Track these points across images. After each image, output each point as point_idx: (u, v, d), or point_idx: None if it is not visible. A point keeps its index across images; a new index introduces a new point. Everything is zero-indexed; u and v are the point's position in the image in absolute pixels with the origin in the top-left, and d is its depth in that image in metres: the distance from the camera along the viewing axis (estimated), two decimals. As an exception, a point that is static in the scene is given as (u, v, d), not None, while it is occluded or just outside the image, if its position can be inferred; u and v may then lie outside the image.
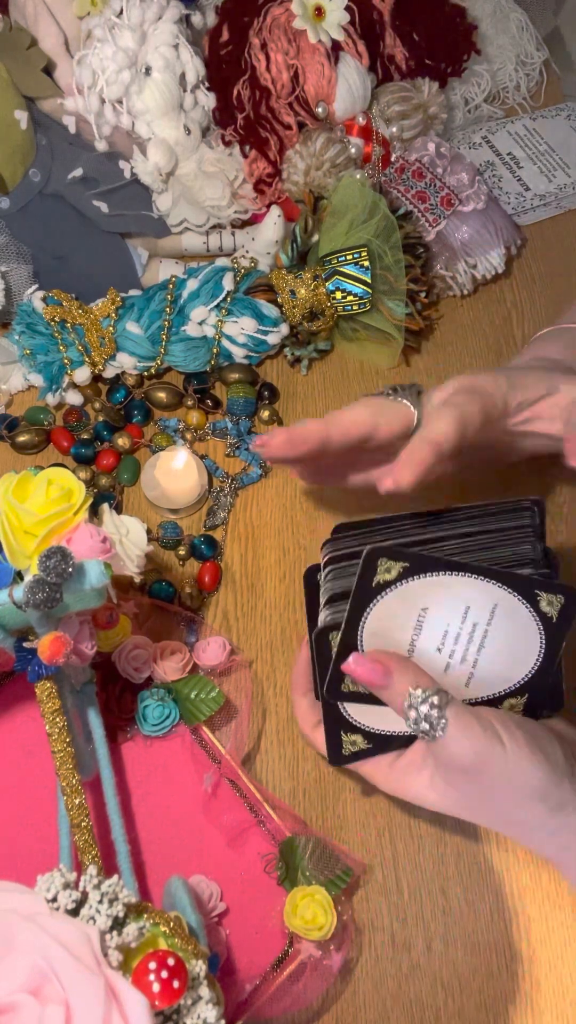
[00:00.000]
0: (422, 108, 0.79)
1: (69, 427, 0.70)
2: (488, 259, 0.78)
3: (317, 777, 0.58)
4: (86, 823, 0.48)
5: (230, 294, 0.69)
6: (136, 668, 0.57)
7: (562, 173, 0.89)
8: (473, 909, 0.55)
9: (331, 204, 0.72)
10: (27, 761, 0.56)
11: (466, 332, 0.79)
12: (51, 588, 0.43)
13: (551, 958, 0.54)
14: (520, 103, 0.94)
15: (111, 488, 0.67)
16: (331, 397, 0.74)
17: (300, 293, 0.70)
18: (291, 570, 0.66)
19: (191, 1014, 0.36)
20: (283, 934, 0.52)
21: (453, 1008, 0.53)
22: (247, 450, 0.70)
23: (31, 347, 0.68)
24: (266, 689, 0.61)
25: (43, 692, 0.47)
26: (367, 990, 0.53)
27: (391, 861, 0.56)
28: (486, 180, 0.84)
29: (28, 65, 0.72)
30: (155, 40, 0.72)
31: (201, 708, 0.57)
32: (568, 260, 0.84)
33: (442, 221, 0.76)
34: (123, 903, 0.36)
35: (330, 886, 0.52)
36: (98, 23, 0.71)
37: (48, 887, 0.36)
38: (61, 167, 0.71)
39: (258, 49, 0.75)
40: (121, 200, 0.73)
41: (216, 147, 0.78)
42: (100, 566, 0.45)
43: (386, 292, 0.71)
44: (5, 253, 0.71)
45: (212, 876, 0.54)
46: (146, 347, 0.69)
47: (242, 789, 0.55)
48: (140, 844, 0.55)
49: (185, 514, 0.67)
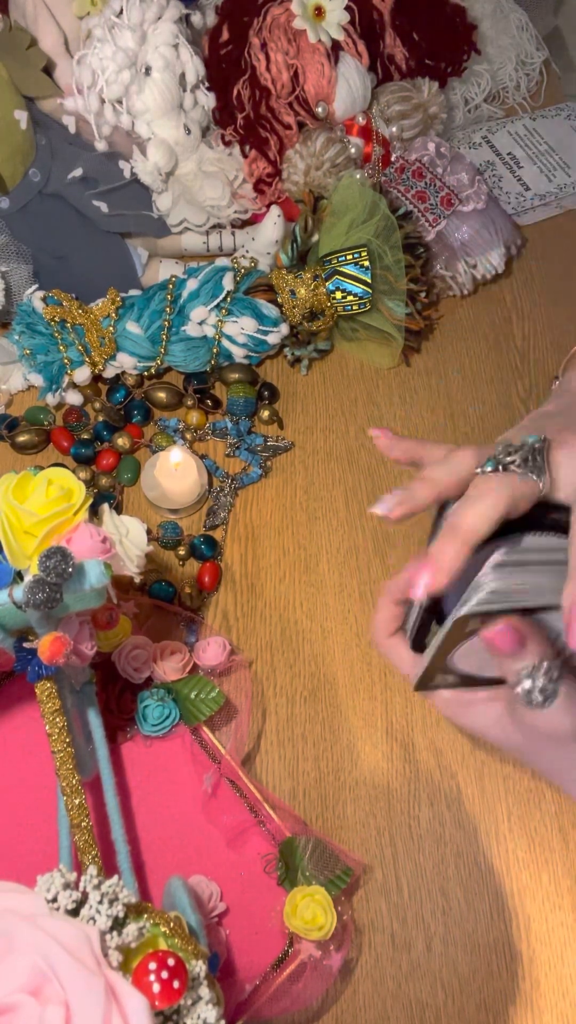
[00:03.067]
0: (422, 108, 0.79)
1: (69, 427, 0.70)
2: (488, 259, 0.78)
3: (317, 777, 0.58)
4: (86, 823, 0.48)
5: (230, 294, 0.69)
6: (136, 668, 0.57)
7: (562, 173, 0.89)
8: (473, 909, 0.55)
9: (331, 204, 0.72)
10: (27, 761, 0.56)
11: (466, 332, 0.79)
12: (51, 588, 0.43)
13: (551, 958, 0.54)
14: (520, 103, 0.94)
15: (111, 488, 0.67)
16: (331, 397, 0.74)
17: (300, 293, 0.70)
18: (291, 570, 0.66)
19: (191, 1014, 0.36)
20: (283, 934, 0.52)
21: (453, 1008, 0.53)
22: (247, 450, 0.70)
23: (31, 347, 0.68)
24: (266, 689, 0.61)
25: (43, 692, 0.47)
26: (367, 990, 0.53)
27: (391, 861, 0.56)
28: (486, 180, 0.84)
29: (28, 65, 0.72)
30: (155, 40, 0.72)
31: (201, 708, 0.57)
32: (568, 260, 0.84)
33: (442, 221, 0.76)
34: (123, 903, 0.36)
35: (330, 886, 0.52)
36: (98, 23, 0.71)
37: (48, 887, 0.36)
38: (61, 167, 0.71)
39: (258, 49, 0.75)
40: (121, 200, 0.73)
41: (216, 147, 0.78)
42: (100, 566, 0.45)
43: (386, 292, 0.71)
44: (5, 253, 0.71)
45: (212, 876, 0.54)
46: (146, 347, 0.69)
47: (242, 789, 0.55)
48: (140, 844, 0.55)
49: (185, 514, 0.67)
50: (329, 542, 0.67)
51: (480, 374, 0.76)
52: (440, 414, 0.74)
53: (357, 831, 0.57)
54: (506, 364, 0.77)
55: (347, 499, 0.69)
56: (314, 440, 0.72)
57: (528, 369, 0.77)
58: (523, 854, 0.56)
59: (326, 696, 0.61)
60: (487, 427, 0.73)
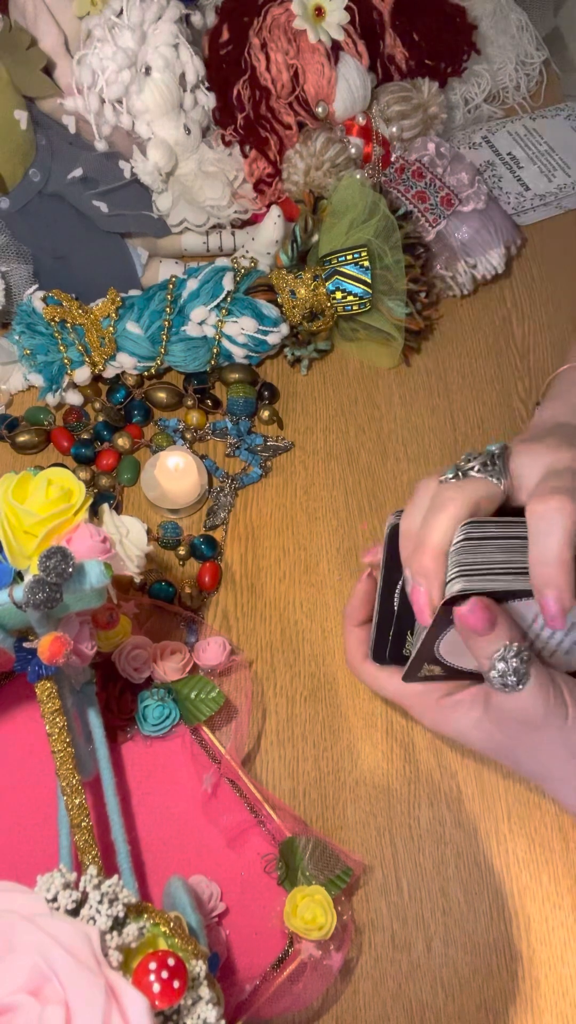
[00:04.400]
0: (422, 108, 0.79)
1: (69, 427, 0.70)
2: (488, 259, 0.78)
3: (317, 777, 0.58)
4: (86, 823, 0.48)
5: (230, 294, 0.69)
6: (136, 668, 0.57)
7: (562, 173, 0.89)
8: (473, 909, 0.55)
9: (331, 204, 0.72)
10: (27, 761, 0.56)
11: (466, 332, 0.79)
12: (51, 588, 0.43)
13: (551, 958, 0.54)
14: (520, 103, 0.94)
15: (111, 488, 0.67)
16: (331, 397, 0.74)
17: (300, 293, 0.70)
18: (291, 570, 0.66)
19: (191, 1014, 0.36)
20: (283, 934, 0.52)
21: (453, 1008, 0.53)
22: (247, 450, 0.70)
23: (31, 347, 0.68)
24: (266, 689, 0.61)
25: (43, 692, 0.47)
26: (367, 990, 0.53)
27: (391, 861, 0.56)
28: (486, 180, 0.84)
29: (28, 65, 0.72)
30: (155, 40, 0.72)
31: (201, 708, 0.57)
32: (568, 260, 0.84)
33: (442, 221, 0.76)
34: (123, 903, 0.36)
35: (330, 886, 0.52)
36: (98, 23, 0.71)
37: (48, 887, 0.36)
38: (61, 167, 0.71)
39: (258, 49, 0.75)
40: (121, 200, 0.73)
41: (216, 147, 0.78)
42: (100, 566, 0.45)
43: (386, 292, 0.71)
44: (5, 253, 0.71)
45: (212, 876, 0.54)
46: (146, 347, 0.69)
47: (242, 789, 0.55)
48: (140, 844, 0.55)
49: (185, 514, 0.67)
50: (329, 542, 0.67)
51: (480, 374, 0.76)
52: (440, 414, 0.74)
53: (357, 831, 0.57)
54: (506, 364, 0.77)
55: (347, 499, 0.69)
56: (314, 440, 0.72)
57: (528, 369, 0.77)
58: (523, 854, 0.56)
59: (326, 696, 0.61)
60: (487, 427, 0.73)
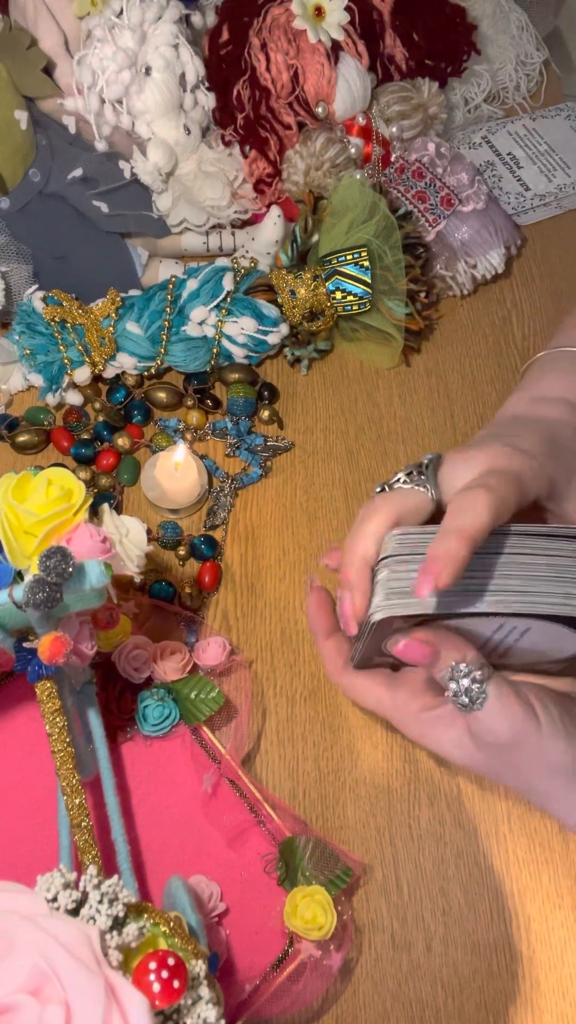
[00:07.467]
0: (422, 108, 0.79)
1: (69, 427, 0.70)
2: (488, 259, 0.78)
3: (317, 777, 0.58)
4: (86, 823, 0.48)
5: (230, 294, 0.69)
6: (136, 668, 0.57)
7: (562, 173, 0.89)
8: (473, 909, 0.55)
9: (331, 204, 0.72)
10: (27, 761, 0.56)
11: (466, 332, 0.79)
12: (51, 588, 0.43)
13: (551, 958, 0.54)
14: (520, 103, 0.94)
15: (111, 488, 0.67)
16: (331, 397, 0.74)
17: (300, 293, 0.70)
18: (291, 570, 0.66)
19: (191, 1014, 0.36)
20: (283, 934, 0.52)
21: (453, 1008, 0.53)
22: (247, 450, 0.70)
23: (31, 347, 0.68)
24: (266, 689, 0.61)
25: (43, 692, 0.47)
26: (367, 990, 0.53)
27: (391, 861, 0.56)
28: (486, 180, 0.83)
29: (28, 65, 0.72)
30: (155, 40, 0.72)
31: (201, 708, 0.57)
32: (568, 260, 0.84)
33: (442, 221, 0.76)
34: (123, 903, 0.36)
35: (330, 886, 0.52)
36: (98, 23, 0.71)
37: (48, 887, 0.36)
38: (61, 167, 0.71)
39: (258, 49, 0.75)
40: (121, 200, 0.73)
41: (216, 147, 0.78)
42: (100, 566, 0.45)
43: (386, 292, 0.71)
44: (5, 253, 0.71)
45: (212, 876, 0.54)
46: (146, 347, 0.69)
47: (242, 789, 0.55)
48: (140, 844, 0.55)
49: (185, 514, 0.67)
50: (329, 542, 0.67)
51: (480, 374, 0.76)
52: (440, 414, 0.74)
53: (357, 831, 0.57)
54: (506, 364, 0.77)
55: (347, 499, 0.69)
56: (314, 440, 0.72)
57: (528, 369, 0.77)
58: (523, 854, 0.56)
59: (326, 696, 0.61)
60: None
